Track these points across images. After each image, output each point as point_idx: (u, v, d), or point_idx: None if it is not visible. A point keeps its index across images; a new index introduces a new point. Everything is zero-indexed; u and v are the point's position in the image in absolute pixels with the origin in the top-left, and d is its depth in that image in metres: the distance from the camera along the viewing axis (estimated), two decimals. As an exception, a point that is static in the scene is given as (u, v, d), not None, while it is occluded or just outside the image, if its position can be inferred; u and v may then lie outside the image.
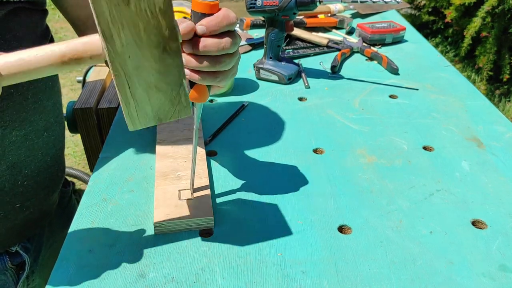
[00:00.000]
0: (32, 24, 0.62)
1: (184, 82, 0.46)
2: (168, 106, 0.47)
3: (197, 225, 0.60)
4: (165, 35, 0.43)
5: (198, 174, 0.68)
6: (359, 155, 0.76)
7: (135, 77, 0.44)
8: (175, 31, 0.43)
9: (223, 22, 0.47)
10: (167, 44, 0.44)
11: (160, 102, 0.47)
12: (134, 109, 0.46)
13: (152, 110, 0.47)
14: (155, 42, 0.43)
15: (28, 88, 0.62)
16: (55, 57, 0.42)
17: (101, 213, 0.63)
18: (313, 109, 0.90)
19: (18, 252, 0.70)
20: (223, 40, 0.47)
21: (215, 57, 0.48)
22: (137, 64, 0.44)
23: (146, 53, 0.43)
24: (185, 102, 0.48)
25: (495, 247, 0.58)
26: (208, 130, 0.82)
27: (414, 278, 0.54)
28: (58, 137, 0.72)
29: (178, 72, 0.46)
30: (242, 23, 1.20)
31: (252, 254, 0.57)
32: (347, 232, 0.61)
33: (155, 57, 0.44)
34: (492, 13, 2.56)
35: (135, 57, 0.43)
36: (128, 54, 0.43)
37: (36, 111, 0.64)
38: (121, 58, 0.43)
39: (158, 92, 0.46)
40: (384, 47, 1.18)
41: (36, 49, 0.42)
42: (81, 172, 1.89)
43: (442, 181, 0.70)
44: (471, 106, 0.91)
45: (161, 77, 0.45)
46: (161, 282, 0.53)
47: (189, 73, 0.49)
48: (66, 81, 2.91)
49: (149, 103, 0.46)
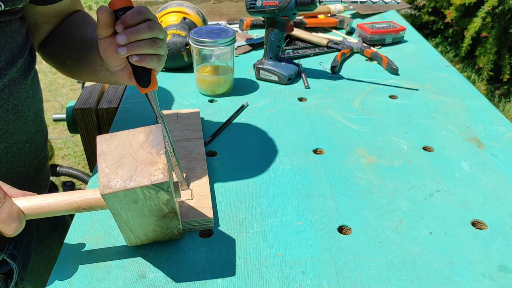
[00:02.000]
0: (12, 32, 0.60)
1: (178, 226, 0.55)
2: (162, 237, 0.57)
3: (197, 226, 0.60)
4: (165, 212, 0.51)
5: (198, 174, 0.68)
6: (359, 155, 0.76)
7: (136, 228, 0.53)
8: (174, 208, 0.51)
9: (135, 16, 0.55)
10: (167, 215, 0.52)
11: (156, 236, 0.56)
12: (133, 238, 0.55)
13: (148, 239, 0.57)
14: (156, 215, 0.51)
15: (8, 100, 0.59)
16: (71, 207, 0.50)
17: (101, 213, 0.63)
18: (313, 109, 0.90)
19: (5, 260, 0.68)
20: (150, 23, 0.55)
21: (152, 39, 0.56)
22: (139, 222, 0.52)
23: (147, 219, 0.52)
24: (177, 233, 0.57)
25: (495, 248, 0.58)
26: (208, 130, 0.82)
27: (414, 278, 0.54)
28: (40, 146, 0.70)
29: (173, 223, 0.54)
30: (242, 23, 1.20)
31: (252, 255, 0.57)
32: (347, 232, 0.61)
33: (155, 220, 0.53)
34: (492, 13, 2.56)
35: (137, 220, 0.51)
36: (132, 219, 0.51)
37: (17, 123, 0.62)
38: (126, 221, 0.51)
39: (155, 232, 0.55)
40: (384, 48, 1.18)
41: (57, 198, 0.49)
42: (81, 172, 1.89)
43: (442, 181, 0.70)
44: (471, 106, 0.91)
45: (159, 227, 0.54)
46: (161, 282, 0.53)
47: (137, 58, 0.56)
48: (66, 81, 2.91)
49: (146, 237, 0.56)
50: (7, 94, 0.59)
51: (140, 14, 0.55)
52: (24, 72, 0.63)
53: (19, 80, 0.62)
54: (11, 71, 0.59)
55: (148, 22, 0.56)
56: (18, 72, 0.61)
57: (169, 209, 0.51)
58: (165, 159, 0.48)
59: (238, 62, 1.09)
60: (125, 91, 1.00)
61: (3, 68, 0.58)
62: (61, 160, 2.20)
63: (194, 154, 0.73)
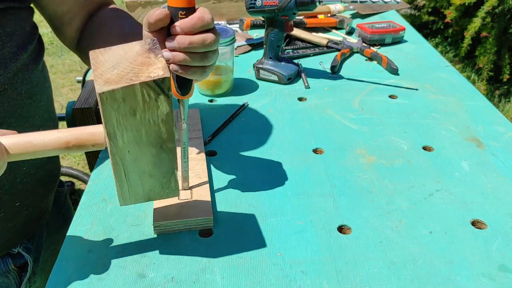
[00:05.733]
0: (21, 20, 0.62)
1: (175, 172, 0.51)
2: (159, 189, 0.52)
3: (196, 225, 0.60)
4: (164, 138, 0.48)
5: (198, 174, 0.68)
6: (359, 155, 0.76)
7: (131, 167, 0.49)
8: (173, 135, 0.48)
9: (197, 24, 0.49)
10: (164, 144, 0.48)
11: (152, 186, 0.51)
12: (127, 191, 0.51)
13: (143, 191, 0.52)
14: (154, 142, 0.48)
15: (22, 84, 0.62)
16: (60, 143, 0.46)
17: (101, 213, 0.63)
18: (313, 109, 0.90)
19: (20, 253, 0.70)
20: (207, 36, 0.50)
21: (203, 53, 0.50)
22: (135, 157, 0.48)
23: (144, 150, 0.48)
24: (174, 186, 0.53)
25: (495, 247, 0.58)
26: (208, 130, 0.82)
27: (413, 278, 0.54)
28: None
29: (171, 164, 0.50)
30: (242, 23, 1.20)
31: (252, 254, 0.57)
32: (347, 232, 0.61)
33: (152, 153, 0.48)
34: (492, 13, 2.56)
35: (134, 152, 0.47)
36: (128, 149, 0.47)
37: (30, 107, 0.64)
38: (121, 152, 0.47)
39: (150, 178, 0.51)
40: (383, 47, 1.18)
41: (44, 133, 0.46)
42: (81, 172, 1.89)
43: (442, 181, 0.70)
44: (470, 106, 0.91)
45: (156, 167, 0.50)
46: (161, 282, 0.53)
47: (177, 68, 0.51)
48: (66, 81, 2.91)
49: (141, 186, 0.51)
50: (21, 78, 0.62)
51: (202, 22, 0.49)
52: (35, 58, 0.66)
53: (31, 65, 0.64)
54: (22, 56, 0.62)
55: (206, 35, 0.50)
56: (29, 58, 0.63)
57: (168, 133, 0.47)
58: (164, 60, 0.45)
59: (238, 62, 1.09)
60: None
61: (15, 53, 0.60)
62: (60, 160, 2.20)
63: (194, 154, 0.73)
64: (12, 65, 0.60)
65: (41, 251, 0.75)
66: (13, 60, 0.60)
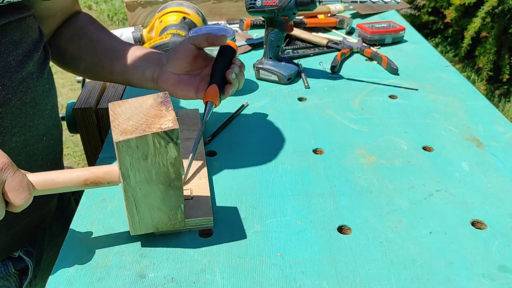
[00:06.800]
0: (27, 28, 0.62)
1: (181, 206, 0.56)
2: (166, 221, 0.57)
3: (196, 226, 0.60)
4: (172, 178, 0.53)
5: (198, 174, 0.68)
6: (359, 155, 0.76)
7: (142, 202, 0.53)
8: (180, 175, 0.53)
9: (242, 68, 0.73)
10: (172, 183, 0.53)
11: (160, 218, 0.56)
12: (137, 222, 0.55)
13: (152, 222, 0.56)
14: (163, 181, 0.52)
15: (26, 93, 0.61)
16: (79, 181, 0.51)
17: (100, 213, 0.63)
18: (313, 109, 0.90)
19: (21, 257, 0.69)
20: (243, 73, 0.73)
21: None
22: (146, 193, 0.53)
23: (154, 188, 0.53)
24: (180, 218, 0.57)
25: (495, 248, 0.58)
26: (208, 130, 0.82)
27: (413, 278, 0.54)
28: (56, 140, 0.71)
29: (177, 199, 0.55)
30: (242, 23, 1.20)
31: (251, 254, 0.57)
32: (346, 232, 0.61)
33: (161, 190, 0.53)
34: (492, 13, 2.56)
35: (144, 189, 0.52)
36: (139, 187, 0.52)
37: (35, 116, 0.63)
38: (133, 190, 0.52)
39: (159, 211, 0.55)
40: (383, 47, 1.18)
41: (65, 172, 0.51)
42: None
43: (442, 181, 0.70)
44: (470, 106, 0.91)
45: (164, 202, 0.55)
46: (160, 282, 0.54)
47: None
48: (66, 81, 2.91)
49: (150, 218, 0.56)
50: (25, 87, 0.61)
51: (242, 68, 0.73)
52: (40, 66, 0.65)
53: (36, 74, 0.63)
54: (28, 65, 0.61)
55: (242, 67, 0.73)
56: (34, 66, 0.63)
57: (176, 173, 0.52)
58: (173, 113, 0.51)
59: (238, 62, 1.09)
60: (125, 91, 1.00)
61: (21, 62, 0.60)
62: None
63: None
64: (17, 74, 0.59)
65: (43, 254, 0.75)
66: (18, 69, 0.59)
